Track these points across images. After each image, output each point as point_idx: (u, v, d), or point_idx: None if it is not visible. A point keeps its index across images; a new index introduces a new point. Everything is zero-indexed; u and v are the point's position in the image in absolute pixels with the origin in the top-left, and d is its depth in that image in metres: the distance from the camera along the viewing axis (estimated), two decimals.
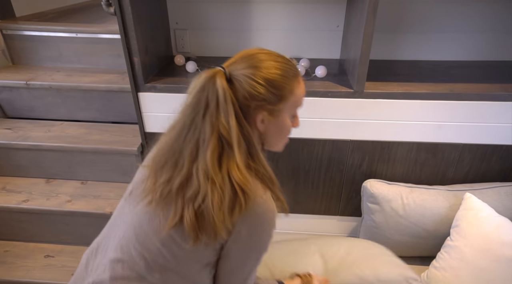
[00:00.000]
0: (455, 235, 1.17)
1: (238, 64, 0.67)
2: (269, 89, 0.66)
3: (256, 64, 0.66)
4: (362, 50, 1.15)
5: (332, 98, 1.26)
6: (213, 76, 0.65)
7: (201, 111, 0.65)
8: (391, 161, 1.37)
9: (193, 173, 0.65)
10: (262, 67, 0.66)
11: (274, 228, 0.72)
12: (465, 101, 1.22)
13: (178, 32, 1.54)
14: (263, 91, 0.66)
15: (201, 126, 0.65)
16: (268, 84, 0.66)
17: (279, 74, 0.67)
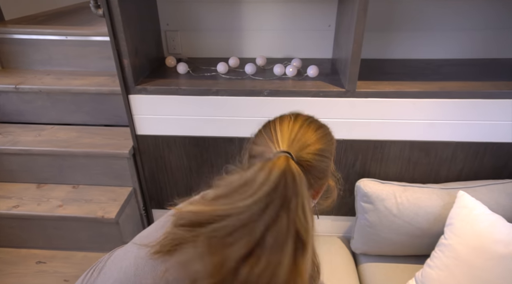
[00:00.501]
0: (449, 233, 1.17)
1: (296, 142, 0.57)
2: (331, 159, 0.62)
3: (312, 138, 0.59)
4: (353, 49, 1.15)
5: (324, 98, 1.25)
6: (287, 166, 0.51)
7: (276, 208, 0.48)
8: (384, 160, 1.37)
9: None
10: (322, 140, 0.60)
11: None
12: (457, 99, 1.22)
13: (169, 33, 1.53)
14: (330, 165, 0.62)
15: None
16: (333, 156, 0.63)
17: (331, 140, 0.64)
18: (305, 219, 0.49)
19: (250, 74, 1.36)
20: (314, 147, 0.57)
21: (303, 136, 0.58)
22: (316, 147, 0.58)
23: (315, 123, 0.62)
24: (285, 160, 0.51)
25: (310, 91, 1.25)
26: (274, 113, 1.35)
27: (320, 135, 0.60)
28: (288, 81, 1.32)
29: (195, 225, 0.50)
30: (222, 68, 1.37)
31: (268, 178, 0.49)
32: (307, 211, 0.50)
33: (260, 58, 1.44)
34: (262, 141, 0.60)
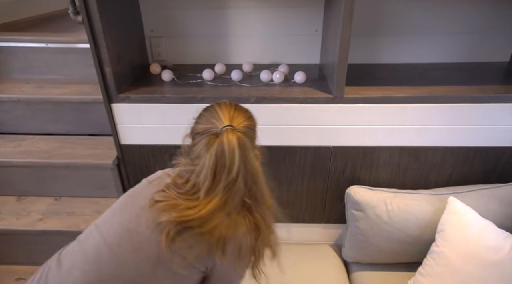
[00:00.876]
0: (440, 240, 1.15)
1: (236, 119, 0.78)
2: (255, 130, 0.83)
3: (240, 114, 0.80)
4: (340, 54, 1.13)
5: (312, 104, 1.23)
6: (235, 133, 0.75)
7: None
8: (374, 166, 1.35)
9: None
10: (247, 118, 0.81)
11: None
12: (444, 104, 1.21)
13: (153, 40, 1.50)
14: (256, 134, 0.84)
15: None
16: (254, 127, 0.83)
17: (254, 118, 0.84)
18: (256, 165, 0.77)
19: (236, 80, 1.34)
20: (246, 122, 0.78)
21: (239, 115, 0.78)
22: (247, 122, 0.79)
23: (243, 108, 0.83)
24: (232, 130, 0.74)
25: (297, 97, 1.22)
26: (262, 121, 1.32)
27: (248, 116, 0.81)
28: (275, 88, 1.30)
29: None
30: (208, 75, 1.35)
31: (229, 144, 0.72)
32: (255, 161, 0.77)
33: (246, 64, 1.42)
34: (206, 120, 0.78)
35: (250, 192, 0.77)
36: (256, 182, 0.77)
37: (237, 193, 0.74)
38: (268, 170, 1.36)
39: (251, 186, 0.77)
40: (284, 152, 1.33)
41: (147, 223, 0.76)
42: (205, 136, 0.75)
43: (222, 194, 0.73)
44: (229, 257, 0.76)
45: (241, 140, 0.73)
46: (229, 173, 0.72)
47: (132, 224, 0.77)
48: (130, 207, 0.81)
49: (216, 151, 0.72)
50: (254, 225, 0.79)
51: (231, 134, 0.72)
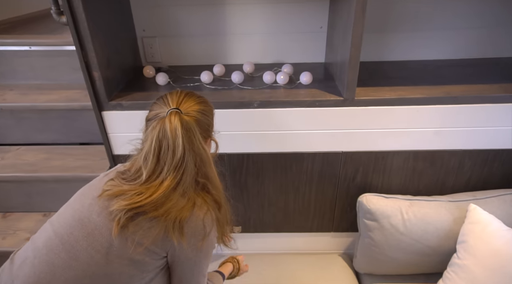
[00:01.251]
0: (462, 252, 1.07)
1: (184, 103, 0.79)
2: (212, 118, 0.85)
3: (193, 101, 0.81)
4: (351, 53, 1.03)
5: (321, 108, 1.14)
6: (179, 115, 0.76)
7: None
8: (386, 172, 1.26)
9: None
10: (200, 103, 0.82)
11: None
12: (463, 105, 1.12)
13: (146, 40, 1.39)
14: (211, 120, 0.84)
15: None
16: (211, 114, 0.85)
17: (210, 104, 0.85)
18: (202, 148, 0.78)
19: (237, 83, 1.24)
20: (196, 106, 0.80)
21: (188, 100, 0.80)
22: (198, 107, 0.80)
23: (197, 94, 0.84)
24: (176, 113, 0.76)
25: (304, 100, 1.13)
26: (266, 127, 1.20)
27: (200, 101, 0.82)
28: (279, 90, 1.20)
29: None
30: (206, 77, 1.24)
31: (171, 125, 0.74)
32: (203, 144, 0.78)
33: (247, 64, 1.32)
34: (156, 107, 0.80)
35: (202, 172, 0.80)
36: (205, 164, 0.80)
37: (187, 173, 0.76)
38: (274, 178, 1.30)
39: (201, 167, 0.79)
40: (290, 159, 1.23)
41: (99, 211, 0.75)
42: (153, 121, 0.77)
43: (172, 176, 0.75)
44: (189, 238, 0.76)
45: (185, 122, 0.75)
46: (173, 155, 0.75)
47: (84, 213, 0.76)
48: (83, 198, 0.80)
49: (158, 133, 0.74)
50: (213, 201, 0.82)
51: (174, 116, 0.75)
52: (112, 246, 0.73)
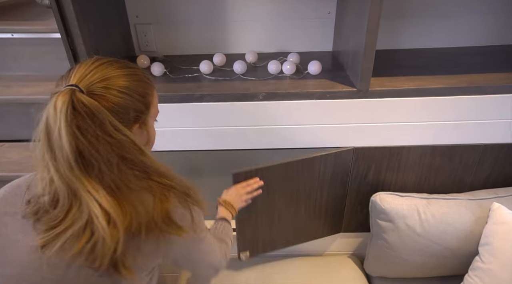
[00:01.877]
0: (486, 255, 0.99)
1: (91, 76, 0.57)
2: (140, 99, 0.62)
3: (111, 74, 0.58)
4: (367, 40, 0.94)
5: (332, 100, 1.04)
6: (69, 96, 0.53)
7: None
8: (401, 168, 1.17)
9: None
10: (122, 76, 0.59)
11: None
12: (488, 95, 1.03)
13: (139, 27, 1.28)
14: (137, 103, 0.61)
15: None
16: (139, 95, 0.62)
17: (139, 80, 0.62)
18: (123, 134, 0.56)
19: (240, 73, 1.14)
20: (111, 81, 0.57)
21: (99, 71, 0.57)
22: (114, 82, 0.58)
23: (120, 64, 0.61)
24: (68, 92, 0.53)
25: (314, 92, 1.03)
26: (272, 121, 1.09)
27: (123, 73, 0.60)
28: (286, 81, 1.10)
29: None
30: (206, 67, 1.14)
31: (55, 108, 0.52)
32: (120, 129, 0.56)
33: (250, 53, 1.22)
34: (59, 81, 0.59)
35: (135, 165, 0.59)
36: (131, 152, 0.57)
37: (109, 168, 0.55)
38: (284, 188, 1.16)
39: (127, 158, 0.57)
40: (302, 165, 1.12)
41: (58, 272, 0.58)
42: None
43: (94, 180, 0.55)
44: (185, 226, 0.64)
45: (82, 106, 0.52)
46: (60, 154, 0.53)
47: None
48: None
49: (44, 126, 0.54)
50: (167, 186, 0.63)
51: (61, 98, 0.52)
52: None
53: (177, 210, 0.65)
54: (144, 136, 0.67)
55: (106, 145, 0.55)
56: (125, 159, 0.57)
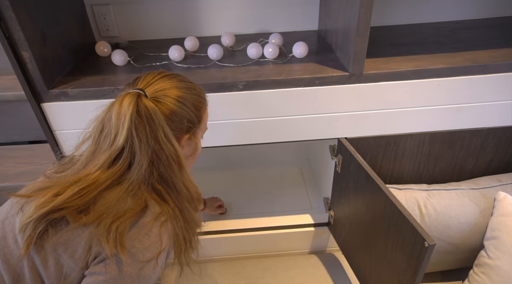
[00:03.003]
0: (493, 250, 0.91)
1: (155, 85, 0.62)
2: (194, 111, 0.65)
3: (174, 85, 0.63)
4: (360, 16, 0.81)
5: (321, 86, 0.92)
6: (136, 98, 0.58)
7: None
8: (398, 158, 1.07)
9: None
10: (183, 89, 0.64)
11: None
12: (493, 74, 0.92)
13: (97, 9, 1.11)
14: (190, 113, 0.64)
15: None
16: (194, 107, 0.65)
17: (197, 94, 0.66)
18: (169, 147, 0.59)
19: (215, 59, 0.99)
20: (170, 91, 0.62)
21: (162, 82, 0.63)
22: (173, 92, 0.62)
23: (181, 78, 0.66)
24: (135, 94, 0.58)
25: (301, 78, 0.90)
26: (254, 113, 0.97)
27: (182, 86, 0.64)
28: (268, 66, 0.97)
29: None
30: (176, 53, 0.99)
31: (120, 107, 0.57)
32: (171, 139, 0.60)
33: (226, 35, 1.07)
34: (126, 86, 0.65)
35: (162, 176, 0.60)
36: (169, 166, 0.60)
37: (134, 171, 0.58)
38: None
39: (160, 169, 0.60)
40: None
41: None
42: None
43: (105, 168, 0.58)
44: (131, 252, 0.55)
45: (144, 107, 0.57)
46: (113, 142, 0.58)
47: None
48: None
49: (104, 116, 0.59)
50: (174, 210, 0.61)
51: (128, 98, 0.57)
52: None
53: (144, 233, 0.56)
54: (192, 147, 0.69)
55: (148, 149, 0.58)
56: (155, 168, 0.59)
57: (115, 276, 0.53)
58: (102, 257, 0.54)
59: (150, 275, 0.56)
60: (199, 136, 0.70)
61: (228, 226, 1.22)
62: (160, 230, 0.57)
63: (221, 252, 1.26)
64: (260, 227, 1.22)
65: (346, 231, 1.09)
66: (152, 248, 0.56)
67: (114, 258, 0.53)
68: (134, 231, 0.56)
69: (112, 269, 0.53)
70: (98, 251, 0.54)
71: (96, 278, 0.53)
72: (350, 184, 1.00)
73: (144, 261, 0.55)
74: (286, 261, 1.24)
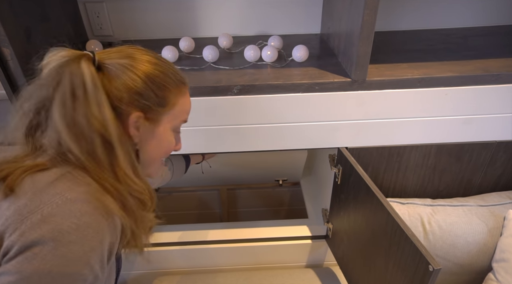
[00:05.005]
0: (503, 274, 0.85)
1: (111, 53, 0.55)
2: (149, 85, 0.55)
3: (135, 56, 0.55)
4: (364, 19, 0.76)
5: (322, 93, 0.86)
6: (78, 58, 0.50)
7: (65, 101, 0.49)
8: (401, 170, 1.01)
9: None
10: (142, 60, 0.55)
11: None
12: (504, 85, 0.87)
13: (90, 6, 1.07)
14: (142, 86, 0.54)
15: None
16: (149, 80, 0.55)
17: (161, 71, 0.56)
18: (103, 117, 0.50)
19: (211, 61, 0.94)
20: (129, 61, 0.54)
21: (126, 50, 0.56)
22: (131, 62, 0.54)
23: (153, 53, 0.58)
24: (79, 54, 0.51)
25: (300, 83, 0.85)
26: (249, 119, 0.91)
27: (149, 59, 0.56)
28: (266, 70, 0.91)
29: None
30: (170, 54, 0.94)
31: (54, 63, 0.50)
32: (104, 109, 0.50)
33: (223, 37, 1.02)
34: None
35: (91, 152, 0.50)
36: (86, 135, 0.50)
37: (46, 136, 0.51)
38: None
39: (87, 143, 0.50)
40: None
41: None
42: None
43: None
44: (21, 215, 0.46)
45: (78, 59, 0.50)
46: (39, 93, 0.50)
47: None
48: None
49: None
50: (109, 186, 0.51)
51: (84, 61, 0.50)
52: None
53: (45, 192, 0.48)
54: (150, 135, 0.58)
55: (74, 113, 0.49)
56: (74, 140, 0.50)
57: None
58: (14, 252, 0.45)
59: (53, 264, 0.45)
60: (165, 124, 0.59)
61: (222, 236, 1.17)
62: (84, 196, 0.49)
63: (213, 263, 1.21)
64: (255, 238, 1.17)
65: (344, 245, 1.03)
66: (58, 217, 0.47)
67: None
68: (34, 183, 0.50)
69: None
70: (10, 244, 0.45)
71: (5, 279, 0.44)
72: (350, 197, 0.94)
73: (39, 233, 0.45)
74: (281, 274, 1.18)
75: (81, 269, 0.46)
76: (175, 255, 1.17)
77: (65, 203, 0.47)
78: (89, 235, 0.46)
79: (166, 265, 1.20)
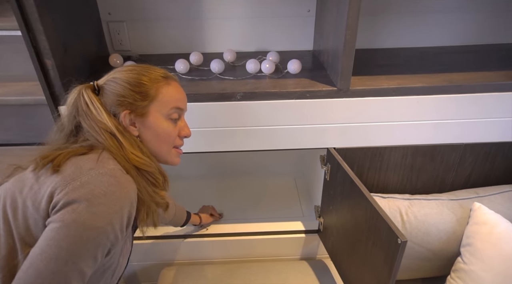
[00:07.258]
0: (468, 256, 0.98)
1: (110, 75, 0.73)
2: (127, 86, 0.70)
3: (118, 70, 0.73)
4: (347, 37, 0.91)
5: (312, 100, 1.01)
6: (82, 88, 0.71)
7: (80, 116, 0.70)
8: (383, 169, 1.15)
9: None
10: (122, 70, 0.72)
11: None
12: (467, 94, 1.02)
13: (112, 25, 1.22)
14: (121, 89, 0.70)
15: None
16: (126, 82, 0.70)
17: (136, 73, 0.72)
18: (103, 119, 0.68)
19: (217, 73, 1.10)
20: (113, 75, 0.72)
21: (119, 69, 0.73)
22: (114, 75, 0.72)
23: (135, 65, 0.75)
24: (83, 86, 0.71)
25: (294, 92, 1.00)
26: (250, 121, 1.07)
27: (124, 70, 0.73)
28: (265, 80, 1.07)
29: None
30: (181, 66, 1.10)
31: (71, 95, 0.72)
32: (101, 113, 0.68)
33: (228, 52, 1.18)
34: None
35: (107, 141, 0.68)
36: (97, 131, 0.68)
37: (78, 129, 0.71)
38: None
39: (93, 132, 0.69)
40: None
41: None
42: None
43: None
44: (67, 180, 0.61)
45: (84, 89, 0.70)
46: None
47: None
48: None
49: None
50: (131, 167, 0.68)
51: (84, 89, 0.71)
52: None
53: (85, 165, 0.63)
54: (148, 126, 0.72)
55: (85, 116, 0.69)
56: (92, 132, 0.69)
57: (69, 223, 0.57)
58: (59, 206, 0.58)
59: (86, 222, 0.57)
60: (154, 113, 0.72)
61: (222, 230, 1.29)
62: (111, 170, 0.64)
63: (215, 255, 1.32)
64: (253, 232, 1.29)
65: (334, 238, 1.16)
66: (94, 181, 0.62)
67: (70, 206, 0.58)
68: (78, 160, 0.64)
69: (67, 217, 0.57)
70: (57, 200, 0.59)
71: (52, 226, 0.57)
72: (338, 191, 1.07)
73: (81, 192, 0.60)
74: (277, 266, 1.29)
75: (105, 225, 0.59)
76: (178, 247, 1.29)
77: (98, 175, 0.61)
78: (113, 201, 0.60)
79: (171, 256, 1.32)
